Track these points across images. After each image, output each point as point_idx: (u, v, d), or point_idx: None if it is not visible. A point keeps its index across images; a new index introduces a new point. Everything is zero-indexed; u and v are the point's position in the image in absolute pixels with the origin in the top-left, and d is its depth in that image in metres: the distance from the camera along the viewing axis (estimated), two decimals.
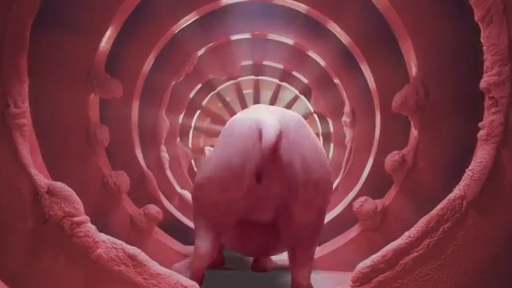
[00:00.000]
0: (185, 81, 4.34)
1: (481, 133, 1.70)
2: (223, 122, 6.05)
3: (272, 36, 4.35)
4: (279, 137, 1.85)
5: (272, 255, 2.69)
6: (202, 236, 2.07)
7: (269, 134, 1.82)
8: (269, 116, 1.91)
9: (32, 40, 1.87)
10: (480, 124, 1.72)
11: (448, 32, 2.55)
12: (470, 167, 1.69)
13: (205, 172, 2.08)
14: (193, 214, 2.27)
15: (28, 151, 1.77)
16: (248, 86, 6.22)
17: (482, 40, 1.72)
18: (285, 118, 1.96)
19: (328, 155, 5.50)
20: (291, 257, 2.10)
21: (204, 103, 5.82)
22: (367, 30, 3.29)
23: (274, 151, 1.84)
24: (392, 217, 2.85)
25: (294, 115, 2.08)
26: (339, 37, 3.53)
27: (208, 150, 2.79)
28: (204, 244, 2.05)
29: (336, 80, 4.19)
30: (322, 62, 4.25)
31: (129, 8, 2.86)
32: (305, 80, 5.16)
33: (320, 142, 2.14)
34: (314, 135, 2.12)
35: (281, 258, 2.38)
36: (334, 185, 4.31)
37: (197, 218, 2.16)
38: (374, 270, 1.68)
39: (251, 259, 2.84)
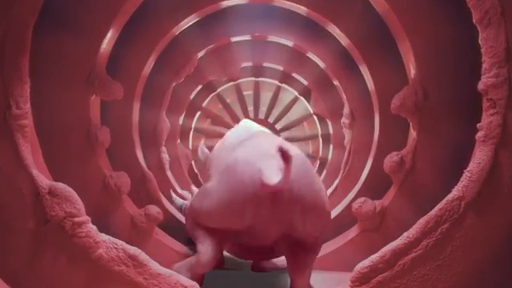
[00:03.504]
0: (185, 83, 4.35)
1: (479, 134, 1.71)
2: (223, 124, 6.10)
3: (272, 38, 4.35)
4: (281, 192, 1.82)
5: (270, 259, 2.70)
6: (204, 242, 2.07)
7: (270, 187, 1.79)
8: (272, 163, 1.86)
9: (34, 41, 1.87)
10: (478, 125, 1.73)
11: (447, 34, 2.56)
12: (468, 168, 1.70)
13: (204, 206, 2.08)
14: (189, 224, 2.29)
15: (30, 152, 1.78)
16: (248, 88, 6.22)
17: (480, 42, 1.73)
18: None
19: (327, 156, 5.52)
20: (290, 262, 2.10)
21: (204, 104, 5.83)
22: (366, 32, 3.30)
23: (274, 199, 1.83)
24: (391, 217, 2.85)
25: (296, 157, 1.90)
26: (339, 39, 3.54)
27: (201, 149, 2.79)
28: (206, 251, 2.04)
29: (336, 82, 4.20)
30: (321, 64, 4.25)
31: (130, 10, 2.87)
32: (305, 82, 5.17)
33: (320, 181, 2.12)
34: (315, 175, 2.10)
35: (281, 258, 2.38)
36: (333, 186, 4.35)
37: (196, 227, 2.16)
38: (373, 270, 1.68)
39: None
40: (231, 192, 1.95)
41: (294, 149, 2.05)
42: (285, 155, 1.71)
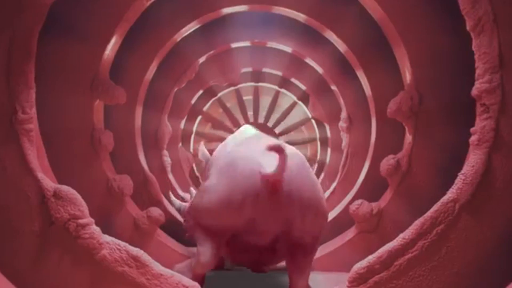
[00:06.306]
0: (186, 88, 4.35)
1: (473, 138, 1.72)
2: (223, 128, 6.09)
3: (271, 44, 4.35)
4: (280, 182, 1.86)
5: (268, 267, 2.69)
6: (204, 243, 2.07)
7: (270, 181, 1.84)
8: (271, 160, 1.89)
9: (39, 47, 1.88)
10: (472, 129, 1.73)
11: (441, 40, 2.57)
12: (462, 171, 1.71)
13: (204, 203, 2.08)
14: (190, 225, 2.29)
15: (35, 155, 1.78)
16: (248, 93, 6.22)
17: (473, 49, 1.74)
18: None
19: (325, 160, 5.51)
20: (289, 263, 2.10)
21: (205, 109, 5.82)
22: (363, 39, 3.31)
23: (274, 194, 1.86)
24: (387, 219, 2.86)
25: (294, 156, 2.03)
26: (336, 45, 3.54)
27: (202, 150, 2.81)
28: (206, 252, 2.04)
29: (333, 87, 4.20)
30: (319, 69, 4.26)
31: (133, 17, 2.88)
32: (303, 87, 5.17)
33: (317, 180, 2.15)
34: (313, 174, 2.12)
35: None
36: (331, 189, 4.35)
37: (197, 228, 2.16)
38: (370, 271, 1.68)
39: None
40: (230, 187, 1.96)
41: (291, 149, 2.09)
42: (277, 149, 1.81)
